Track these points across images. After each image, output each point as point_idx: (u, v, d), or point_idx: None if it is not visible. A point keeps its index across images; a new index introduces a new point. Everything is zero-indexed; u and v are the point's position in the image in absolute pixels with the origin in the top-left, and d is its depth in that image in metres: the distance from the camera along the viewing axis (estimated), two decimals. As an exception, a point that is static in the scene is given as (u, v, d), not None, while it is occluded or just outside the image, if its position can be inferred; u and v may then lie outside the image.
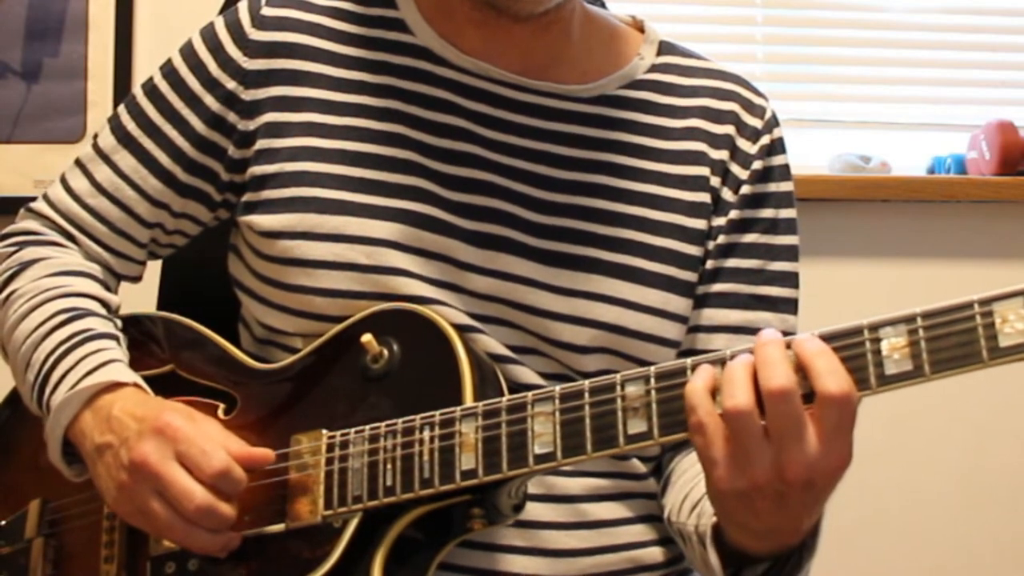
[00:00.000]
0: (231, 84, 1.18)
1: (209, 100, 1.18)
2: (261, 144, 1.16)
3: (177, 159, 1.20)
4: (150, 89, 1.23)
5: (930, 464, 2.22)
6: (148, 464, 1.00)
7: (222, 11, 1.39)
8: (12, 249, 1.22)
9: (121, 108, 1.24)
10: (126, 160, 1.21)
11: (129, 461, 1.01)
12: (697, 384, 0.89)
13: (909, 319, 0.85)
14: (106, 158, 1.22)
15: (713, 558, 1.00)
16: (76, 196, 1.22)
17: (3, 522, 1.19)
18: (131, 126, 1.22)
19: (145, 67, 2.06)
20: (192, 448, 1.01)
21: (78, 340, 1.11)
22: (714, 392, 0.89)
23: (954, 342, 0.84)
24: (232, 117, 1.18)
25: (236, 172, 1.18)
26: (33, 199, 1.27)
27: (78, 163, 1.24)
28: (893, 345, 0.86)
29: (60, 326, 1.12)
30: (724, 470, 0.88)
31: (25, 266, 1.19)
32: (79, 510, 1.14)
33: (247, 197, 1.16)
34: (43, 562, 1.15)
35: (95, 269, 1.21)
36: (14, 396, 1.23)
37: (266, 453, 1.05)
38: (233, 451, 1.02)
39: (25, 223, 1.25)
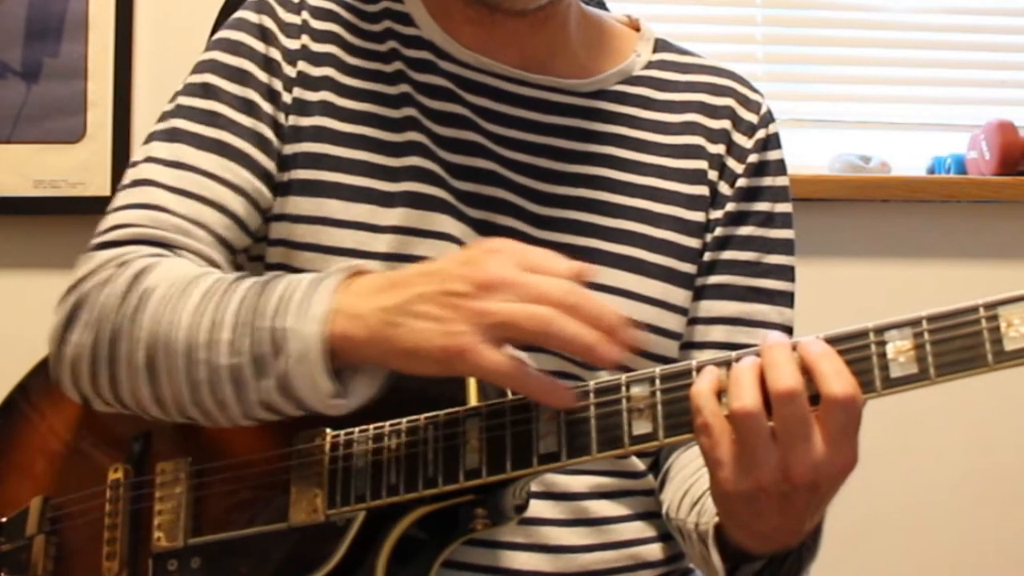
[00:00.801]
0: (279, 60, 1.17)
1: (267, 79, 1.17)
2: (290, 121, 1.16)
3: (257, 144, 1.14)
4: (202, 89, 1.16)
5: (932, 465, 2.22)
6: (497, 276, 0.89)
7: (222, 11, 1.39)
8: (110, 272, 1.05)
9: (170, 120, 1.15)
10: (200, 158, 1.12)
11: (471, 284, 0.89)
12: (703, 385, 0.89)
13: (914, 322, 0.86)
14: (176, 164, 1.12)
15: (716, 558, 1.01)
16: (158, 207, 1.09)
17: (4, 519, 1.19)
18: (192, 126, 1.14)
19: (145, 67, 2.06)
20: (534, 253, 0.92)
21: (270, 277, 1.00)
22: (719, 393, 0.89)
23: (959, 345, 0.84)
24: (285, 97, 1.17)
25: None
26: (33, 199, 1.24)
27: (135, 183, 1.12)
28: (898, 348, 0.86)
29: (238, 280, 1.00)
30: (730, 471, 0.88)
31: (144, 270, 1.04)
32: (80, 507, 1.14)
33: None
34: (44, 559, 1.15)
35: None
36: (14, 392, 1.23)
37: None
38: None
39: (97, 256, 1.08)
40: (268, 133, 1.15)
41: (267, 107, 1.16)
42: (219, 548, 1.05)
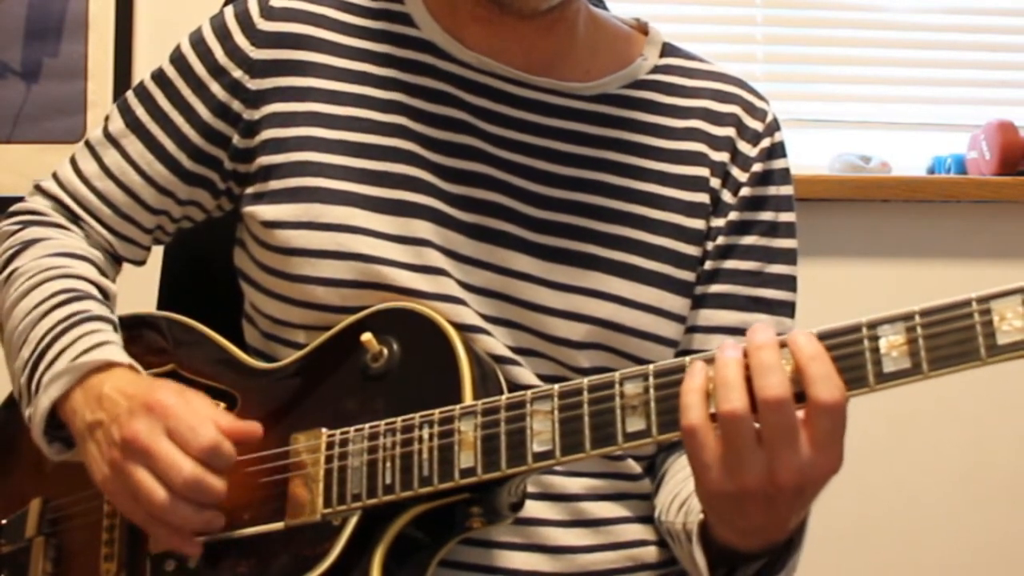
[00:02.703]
0: (237, 72, 1.18)
1: (215, 88, 1.19)
2: (267, 134, 1.16)
3: (183, 146, 1.20)
4: (158, 75, 1.23)
5: (930, 463, 2.22)
6: (138, 439, 1.01)
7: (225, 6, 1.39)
8: (16, 228, 1.24)
9: (130, 93, 1.25)
10: (134, 145, 1.22)
11: (120, 438, 1.02)
12: (693, 384, 0.89)
13: (907, 317, 0.85)
14: (115, 142, 1.23)
15: (699, 554, 1.00)
16: (84, 178, 1.23)
17: (4, 521, 1.19)
18: (139, 111, 1.23)
19: (145, 67, 2.05)
20: (181, 424, 1.01)
21: (76, 320, 1.12)
22: (709, 393, 0.89)
23: (952, 340, 0.83)
24: (237, 106, 1.18)
25: (239, 161, 1.19)
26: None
27: (88, 145, 1.25)
28: (891, 343, 0.85)
29: (60, 305, 1.13)
30: (715, 473, 0.88)
31: (27, 245, 1.21)
32: (80, 509, 1.14)
33: (254, 188, 1.17)
34: (43, 561, 1.15)
35: (96, 255, 1.22)
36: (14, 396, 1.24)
37: (254, 427, 1.05)
38: (223, 426, 1.02)
39: (32, 202, 1.26)
40: (195, 137, 1.20)
41: (206, 114, 1.20)
42: (216, 548, 1.05)
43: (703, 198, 1.19)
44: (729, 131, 1.22)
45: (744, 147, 1.21)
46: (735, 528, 0.94)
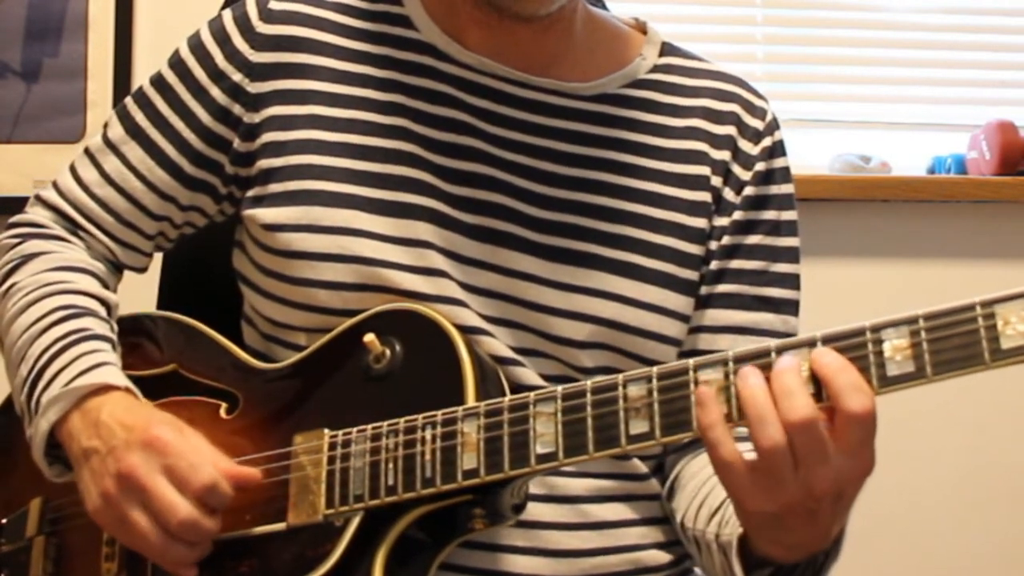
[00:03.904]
0: (237, 76, 1.18)
1: (215, 92, 1.19)
2: (267, 137, 1.16)
3: (184, 151, 1.20)
4: (157, 80, 1.23)
5: (931, 466, 2.22)
6: (135, 476, 1.00)
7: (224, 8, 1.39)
8: (16, 241, 1.23)
9: (130, 98, 1.25)
10: (134, 151, 1.21)
11: (116, 471, 1.02)
12: (713, 418, 0.89)
13: (911, 320, 0.85)
14: (115, 148, 1.22)
15: (738, 570, 1.00)
16: (85, 186, 1.22)
17: (4, 520, 1.19)
18: (139, 117, 1.22)
19: (145, 67, 2.06)
20: (180, 461, 1.01)
21: (75, 339, 1.11)
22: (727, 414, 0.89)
23: (956, 344, 0.84)
24: (238, 109, 1.18)
25: (240, 165, 1.19)
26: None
27: (88, 152, 1.24)
28: (895, 346, 0.86)
29: (58, 323, 1.13)
30: (755, 498, 0.89)
31: (27, 259, 1.20)
32: (80, 509, 1.13)
33: (254, 191, 1.17)
34: (44, 560, 1.15)
35: (97, 267, 1.21)
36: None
37: (253, 472, 1.05)
38: (221, 467, 1.02)
39: (33, 214, 1.25)
40: (195, 141, 1.20)
41: (206, 119, 1.19)
42: (218, 548, 1.05)
43: (704, 196, 1.19)
44: (730, 129, 1.22)
45: (745, 145, 1.22)
46: (779, 544, 0.95)
